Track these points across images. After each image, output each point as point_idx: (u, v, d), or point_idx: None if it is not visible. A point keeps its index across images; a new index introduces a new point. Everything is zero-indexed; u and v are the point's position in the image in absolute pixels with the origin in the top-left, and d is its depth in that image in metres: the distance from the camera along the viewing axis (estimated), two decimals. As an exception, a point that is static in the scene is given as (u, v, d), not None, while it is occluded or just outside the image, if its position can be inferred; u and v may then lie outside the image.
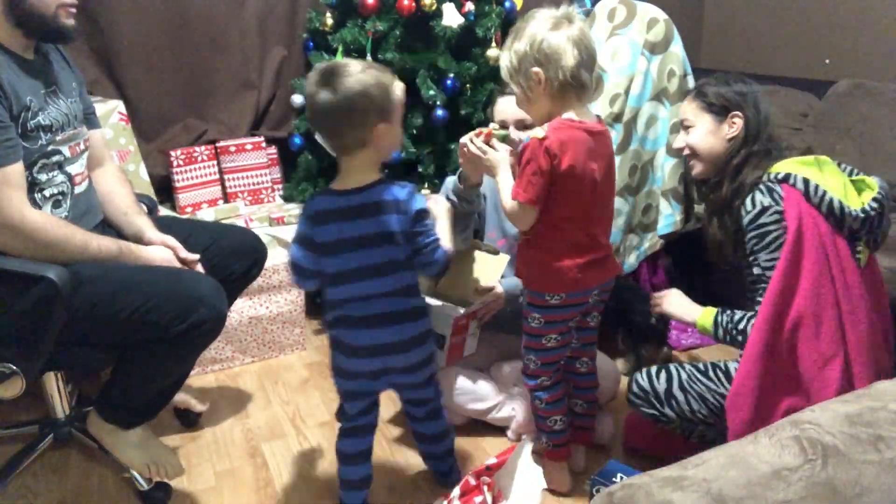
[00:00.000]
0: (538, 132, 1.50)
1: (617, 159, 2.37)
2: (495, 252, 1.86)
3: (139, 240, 1.69)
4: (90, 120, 1.75)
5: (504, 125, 1.87)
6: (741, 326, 1.55)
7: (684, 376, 1.66)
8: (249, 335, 2.35)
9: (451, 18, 2.21)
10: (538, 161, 1.47)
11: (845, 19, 2.83)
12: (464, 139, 1.66)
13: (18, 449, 1.79)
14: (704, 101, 1.65)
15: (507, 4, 2.39)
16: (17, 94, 1.45)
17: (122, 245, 1.59)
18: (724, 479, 0.90)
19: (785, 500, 0.86)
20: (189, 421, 2.01)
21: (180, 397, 1.92)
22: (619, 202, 2.39)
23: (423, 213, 1.46)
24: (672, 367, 1.70)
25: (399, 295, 1.49)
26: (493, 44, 2.24)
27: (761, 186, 1.53)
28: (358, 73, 1.38)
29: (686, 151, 1.70)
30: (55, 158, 1.55)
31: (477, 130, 1.66)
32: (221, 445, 1.94)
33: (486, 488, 1.50)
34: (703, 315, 1.63)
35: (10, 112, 1.44)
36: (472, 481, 1.51)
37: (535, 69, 1.48)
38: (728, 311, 1.60)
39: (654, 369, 1.71)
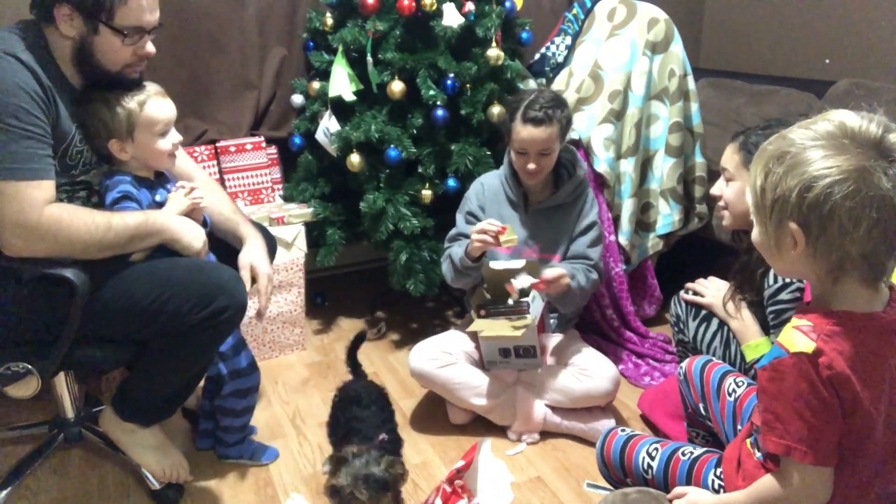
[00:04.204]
0: (794, 339, 0.98)
1: (630, 161, 2.37)
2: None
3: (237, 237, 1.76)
4: None
5: (522, 151, 1.87)
6: None
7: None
8: (249, 335, 2.35)
9: (451, 18, 2.20)
10: (812, 393, 0.96)
11: (845, 19, 2.83)
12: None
13: (25, 450, 1.79)
14: (748, 156, 1.46)
15: (508, 4, 2.39)
16: (67, 122, 1.46)
17: (148, 213, 1.52)
18: None
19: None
20: (197, 421, 2.00)
21: (191, 398, 1.91)
22: (634, 203, 2.40)
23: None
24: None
25: None
26: (494, 44, 2.24)
27: None
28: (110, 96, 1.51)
29: (720, 202, 1.58)
30: (81, 191, 1.57)
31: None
32: (221, 445, 1.94)
33: (460, 491, 1.50)
34: None
35: (55, 137, 1.43)
36: (448, 488, 1.49)
37: (793, 226, 0.97)
38: None
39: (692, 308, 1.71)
